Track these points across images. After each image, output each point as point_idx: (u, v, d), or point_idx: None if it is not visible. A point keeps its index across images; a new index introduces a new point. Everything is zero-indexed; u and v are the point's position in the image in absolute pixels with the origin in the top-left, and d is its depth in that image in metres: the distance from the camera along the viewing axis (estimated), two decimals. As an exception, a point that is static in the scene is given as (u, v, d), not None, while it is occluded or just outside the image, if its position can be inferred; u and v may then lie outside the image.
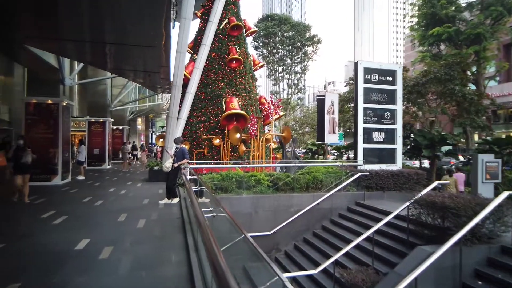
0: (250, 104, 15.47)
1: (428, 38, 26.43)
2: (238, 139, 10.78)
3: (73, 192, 9.58)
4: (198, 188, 6.16)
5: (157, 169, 12.45)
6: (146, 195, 9.18)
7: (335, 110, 15.03)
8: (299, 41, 44.52)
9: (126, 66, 11.71)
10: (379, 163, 11.15)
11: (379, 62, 12.69)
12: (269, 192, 9.23)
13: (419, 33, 27.94)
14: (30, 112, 11.30)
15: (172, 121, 12.49)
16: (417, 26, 28.82)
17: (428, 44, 26.87)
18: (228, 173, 8.94)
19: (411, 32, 31.49)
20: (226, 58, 15.07)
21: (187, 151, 7.94)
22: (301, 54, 45.95)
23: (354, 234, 8.76)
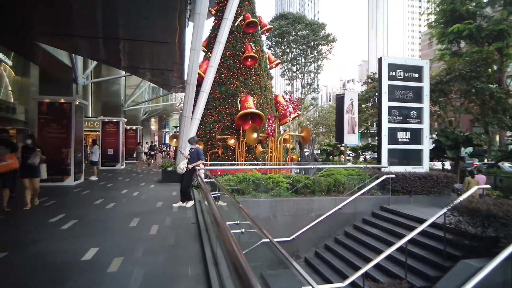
0: (266, 103, 14.97)
1: (447, 35, 25.47)
2: (255, 139, 10.29)
3: (85, 194, 9.27)
4: (217, 193, 5.70)
5: (171, 170, 12.08)
6: (160, 197, 8.79)
7: (354, 109, 14.39)
8: (313, 40, 43.78)
9: (139, 64, 11.37)
10: (404, 165, 10.49)
11: (404, 58, 12.00)
12: (288, 195, 8.71)
13: (438, 30, 26.96)
14: (43, 111, 11.11)
15: (186, 121, 12.10)
16: (435, 23, 27.84)
17: (448, 41, 25.89)
18: (245, 175, 8.46)
19: (429, 29, 30.47)
20: (241, 56, 14.63)
21: (202, 152, 7.50)
22: (315, 53, 45.21)
23: (380, 242, 8.17)
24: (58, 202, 7.80)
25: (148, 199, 8.57)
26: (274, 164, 10.37)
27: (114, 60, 11.25)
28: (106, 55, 10.52)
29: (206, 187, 5.35)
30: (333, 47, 45.07)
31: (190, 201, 7.60)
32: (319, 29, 44.28)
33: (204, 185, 5.65)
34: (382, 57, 10.49)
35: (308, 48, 45.05)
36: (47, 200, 8.01)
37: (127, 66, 11.96)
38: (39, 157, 7.12)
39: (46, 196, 8.58)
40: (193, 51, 11.58)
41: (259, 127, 14.10)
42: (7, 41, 9.38)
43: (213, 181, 6.83)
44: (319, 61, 45.43)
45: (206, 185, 5.78)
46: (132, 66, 11.77)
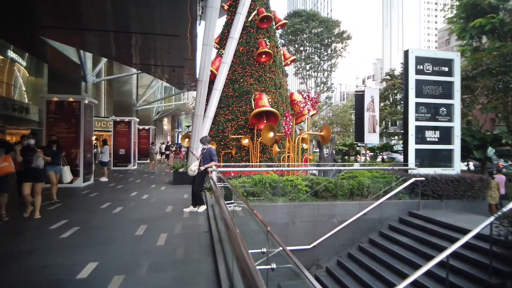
0: (281, 101, 14.32)
1: (469, 30, 24.28)
2: (271, 139, 9.64)
3: (93, 196, 8.83)
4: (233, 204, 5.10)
5: (182, 171, 11.57)
6: (170, 200, 8.26)
7: (375, 107, 13.58)
8: (327, 38, 42.80)
9: (150, 60, 10.90)
10: (433, 167, 9.66)
11: (433, 50, 11.13)
12: (308, 199, 8.03)
13: (459, 25, 25.75)
14: (52, 110, 10.77)
15: (198, 120, 11.56)
16: (456, 19, 26.62)
17: (469, 37, 24.68)
18: (261, 177, 7.83)
19: (449, 25, 29.20)
20: (255, 52, 14.01)
21: (215, 152, 6.91)
22: (329, 51, 44.21)
23: (410, 251, 7.42)
24: (63, 206, 7.36)
25: (158, 202, 8.05)
26: (291, 166, 9.68)
27: (124, 57, 10.82)
28: (116, 51, 10.09)
29: (219, 192, 4.78)
30: (348, 45, 43.99)
31: (202, 206, 7.02)
32: (333, 26, 43.31)
33: (216, 189, 5.06)
34: (408, 49, 9.69)
35: (322, 46, 44.12)
36: (52, 204, 7.57)
37: (138, 63, 11.51)
38: (42, 159, 6.38)
39: (47, 199, 8.16)
40: (205, 46, 11.03)
41: (274, 125, 13.46)
42: (11, 36, 9.03)
43: (227, 186, 6.21)
44: (334, 59, 44.46)
45: (219, 189, 5.19)
46: (143, 63, 11.32)
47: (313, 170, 11.24)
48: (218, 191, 4.79)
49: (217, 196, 4.55)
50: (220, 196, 4.52)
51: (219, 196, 4.37)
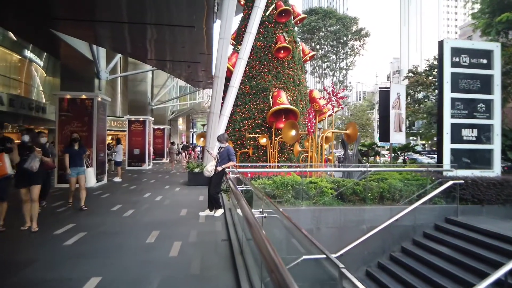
0: (300, 98, 13.66)
1: (495, 25, 22.89)
2: (293, 138, 8.97)
3: (104, 198, 8.41)
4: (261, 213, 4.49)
5: (198, 172, 11.06)
6: (185, 203, 7.74)
7: (401, 104, 12.71)
8: (344, 35, 41.72)
9: (165, 55, 10.42)
10: (471, 168, 8.79)
11: (470, 41, 10.25)
12: (334, 203, 7.34)
13: (484, 21, 24.37)
14: (64, 108, 10.46)
15: (214, 118, 11.04)
16: (480, 14, 25.25)
17: (495, 32, 23.30)
18: (283, 179, 7.19)
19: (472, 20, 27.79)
20: (273, 47, 13.41)
21: (233, 152, 6.34)
22: (346, 49, 43.11)
23: (448, 262, 6.64)
24: (71, 208, 6.93)
25: (172, 205, 7.53)
26: (314, 167, 9.00)
27: (138, 52, 10.39)
28: (129, 46, 9.66)
29: (239, 193, 4.19)
30: (366, 42, 42.83)
31: (219, 210, 6.45)
32: (351, 23, 42.23)
33: (236, 190, 4.48)
34: (443, 40, 8.86)
35: (339, 44, 43.10)
36: (61, 205, 7.17)
37: (153, 59, 11.04)
38: (38, 160, 5.23)
39: (62, 199, 7.79)
40: (222, 40, 10.50)
41: (293, 124, 12.81)
42: (22, 29, 8.72)
43: (249, 189, 5.62)
44: (351, 57, 43.35)
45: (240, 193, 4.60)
46: (158, 58, 10.85)
47: (335, 172, 10.50)
48: (238, 193, 4.22)
49: (238, 197, 3.99)
50: (241, 195, 3.95)
51: (240, 197, 3.80)
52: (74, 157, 6.88)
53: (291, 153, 12.68)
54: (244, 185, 5.52)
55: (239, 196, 4.02)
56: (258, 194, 4.40)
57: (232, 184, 5.28)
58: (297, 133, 8.88)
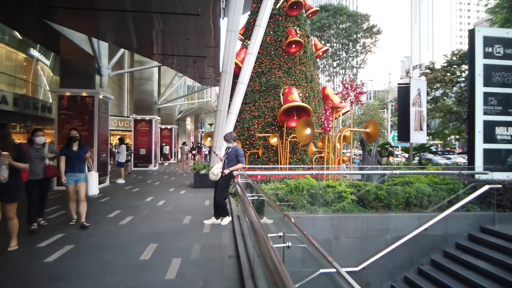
0: (313, 96, 12.89)
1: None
2: (308, 137, 8.20)
3: (103, 202, 7.80)
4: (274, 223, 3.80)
5: (204, 174, 10.40)
6: (189, 208, 7.07)
7: (422, 101, 11.83)
8: (355, 33, 40.70)
9: (170, 49, 9.75)
10: (505, 171, 7.91)
11: (504, 29, 9.34)
12: (355, 210, 6.56)
13: (502, 16, 23.20)
14: (64, 106, 9.90)
15: (222, 116, 10.36)
16: (498, 9, 24.05)
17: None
18: (297, 183, 6.45)
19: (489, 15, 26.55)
20: (284, 42, 12.67)
21: (242, 152, 5.63)
22: (357, 47, 42.06)
23: (485, 277, 5.84)
24: (64, 214, 6.32)
25: (174, 211, 6.86)
26: (329, 168, 8.22)
27: (142, 46, 9.76)
28: (132, 39, 9.04)
29: (248, 200, 3.53)
30: (378, 40, 41.76)
31: (226, 218, 5.75)
32: (362, 20, 41.18)
33: (244, 197, 3.79)
34: (475, 28, 7.98)
35: (349, 42, 42.10)
36: (54, 211, 6.57)
37: (158, 54, 10.40)
38: (6, 167, 3.89)
39: (57, 204, 7.20)
40: (230, 32, 9.80)
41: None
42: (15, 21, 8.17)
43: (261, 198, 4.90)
44: (363, 55, 42.31)
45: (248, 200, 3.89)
46: (163, 53, 10.21)
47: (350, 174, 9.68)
48: (246, 200, 3.55)
49: (245, 205, 3.32)
50: (249, 203, 3.35)
51: (248, 205, 3.21)
52: (72, 161, 5.45)
53: (303, 154, 11.92)
54: (255, 192, 4.80)
55: (246, 204, 3.37)
56: (272, 205, 3.69)
57: (240, 189, 4.57)
58: (313, 131, 8.11)
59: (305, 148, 11.98)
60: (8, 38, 16.40)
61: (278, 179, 6.82)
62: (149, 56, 11.43)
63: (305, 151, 11.98)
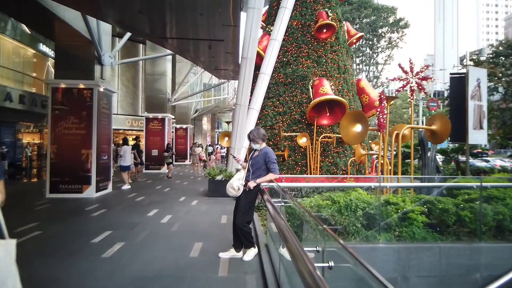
0: (346, 89, 11.03)
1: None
2: (359, 136, 6.31)
3: (94, 217, 6.27)
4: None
5: (221, 180, 8.77)
6: (200, 228, 5.44)
7: (482, 94, 9.77)
8: (380, 27, 38.28)
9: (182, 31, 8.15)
10: None
11: None
12: (428, 237, 4.71)
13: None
14: (58, 100, 8.50)
15: (241, 111, 8.73)
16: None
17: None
18: (347, 199, 4.67)
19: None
20: (313, 26, 10.89)
21: (274, 157, 3.93)
22: (382, 42, 39.62)
23: None
24: (41, 236, 4.81)
25: (181, 233, 5.23)
26: (391, 180, 6.37)
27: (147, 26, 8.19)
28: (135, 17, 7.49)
29: (287, 227, 2.02)
30: (405, 34, 39.17)
31: (251, 250, 4.05)
32: (388, 14, 38.79)
33: (286, 233, 2.17)
34: None
35: (374, 37, 39.75)
36: (26, 231, 5.06)
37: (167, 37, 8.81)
38: None
39: (37, 218, 5.72)
40: (252, 10, 8.14)
41: (340, 119, 10.22)
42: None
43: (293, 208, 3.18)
44: (389, 51, 39.81)
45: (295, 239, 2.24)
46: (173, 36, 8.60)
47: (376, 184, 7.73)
48: (284, 225, 2.07)
49: (285, 234, 2.18)
50: (289, 232, 2.15)
51: (288, 234, 2.10)
52: None
53: (337, 157, 10.10)
54: (299, 216, 3.10)
55: (294, 248, 1.81)
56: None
57: (273, 211, 2.90)
58: (366, 128, 6.24)
59: (339, 149, 10.16)
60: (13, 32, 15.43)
61: (331, 196, 5.00)
62: (159, 41, 9.82)
63: (338, 154, 10.16)
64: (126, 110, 25.86)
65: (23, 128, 17.11)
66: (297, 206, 3.25)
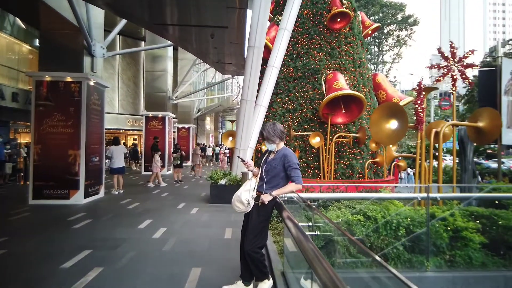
0: (362, 84, 10.03)
1: None
2: (397, 134, 5.24)
3: (77, 230, 5.33)
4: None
5: (224, 184, 7.81)
6: (199, 246, 4.47)
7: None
8: (388, 25, 37.19)
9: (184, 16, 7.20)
10: None
11: None
12: (488, 263, 3.71)
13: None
14: (42, 95, 7.59)
15: (248, 107, 7.77)
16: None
17: None
18: (385, 214, 3.68)
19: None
20: (325, 16, 9.93)
21: (296, 160, 2.95)
22: (390, 41, 38.53)
23: None
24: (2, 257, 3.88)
25: (176, 254, 4.25)
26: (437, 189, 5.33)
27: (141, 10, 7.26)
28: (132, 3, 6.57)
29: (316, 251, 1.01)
30: (414, 32, 38.05)
31: (264, 283, 3.07)
32: (396, 11, 37.75)
33: (311, 252, 1.21)
34: None
35: (381, 35, 38.68)
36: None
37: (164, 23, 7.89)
38: None
39: (8, 232, 4.80)
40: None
41: (356, 117, 9.23)
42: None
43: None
44: (397, 49, 38.69)
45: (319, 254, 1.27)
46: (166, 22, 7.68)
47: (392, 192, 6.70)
48: (313, 252, 1.60)
49: (317, 270, 1.41)
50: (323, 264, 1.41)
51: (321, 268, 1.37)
52: None
53: (353, 159, 9.10)
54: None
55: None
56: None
57: (298, 235, 1.96)
58: (404, 125, 5.17)
59: (356, 150, 9.16)
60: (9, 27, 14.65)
61: (363, 209, 4.01)
62: (159, 31, 8.85)
63: (354, 155, 9.16)
64: (127, 110, 24.99)
65: (19, 128, 16.31)
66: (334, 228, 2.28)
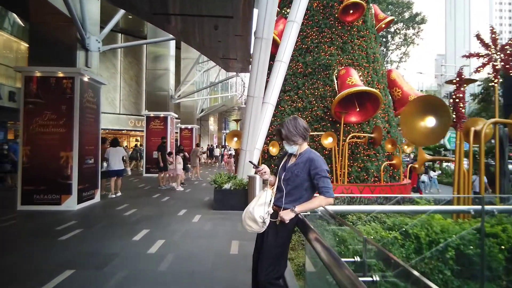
0: (376, 80, 9.36)
1: None
2: (433, 133, 4.52)
3: (63, 242, 4.72)
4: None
5: (229, 189, 7.16)
6: (201, 265, 3.83)
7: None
8: (395, 23, 36.40)
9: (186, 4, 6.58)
10: None
11: None
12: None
13: None
14: (32, 91, 6.99)
15: (255, 104, 7.13)
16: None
17: None
18: (430, 230, 3.02)
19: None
20: (336, 7, 9.29)
21: (325, 166, 2.32)
22: (397, 39, 37.77)
23: None
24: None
25: (172, 276, 3.60)
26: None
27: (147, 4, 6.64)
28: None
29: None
30: (422, 30, 37.26)
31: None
32: (403, 9, 37.02)
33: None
34: None
35: (388, 34, 37.98)
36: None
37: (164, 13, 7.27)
38: None
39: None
40: (269, -22, 6.53)
41: (371, 116, 8.57)
42: None
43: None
44: (404, 47, 37.91)
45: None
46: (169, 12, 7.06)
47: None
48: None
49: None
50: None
51: None
52: None
53: (367, 161, 8.43)
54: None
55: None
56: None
57: (330, 261, 1.30)
58: (446, 123, 4.45)
59: (371, 152, 8.49)
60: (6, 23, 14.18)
61: (402, 223, 3.34)
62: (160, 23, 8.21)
63: (369, 157, 8.48)
64: (129, 110, 24.45)
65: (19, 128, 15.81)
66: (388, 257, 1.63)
